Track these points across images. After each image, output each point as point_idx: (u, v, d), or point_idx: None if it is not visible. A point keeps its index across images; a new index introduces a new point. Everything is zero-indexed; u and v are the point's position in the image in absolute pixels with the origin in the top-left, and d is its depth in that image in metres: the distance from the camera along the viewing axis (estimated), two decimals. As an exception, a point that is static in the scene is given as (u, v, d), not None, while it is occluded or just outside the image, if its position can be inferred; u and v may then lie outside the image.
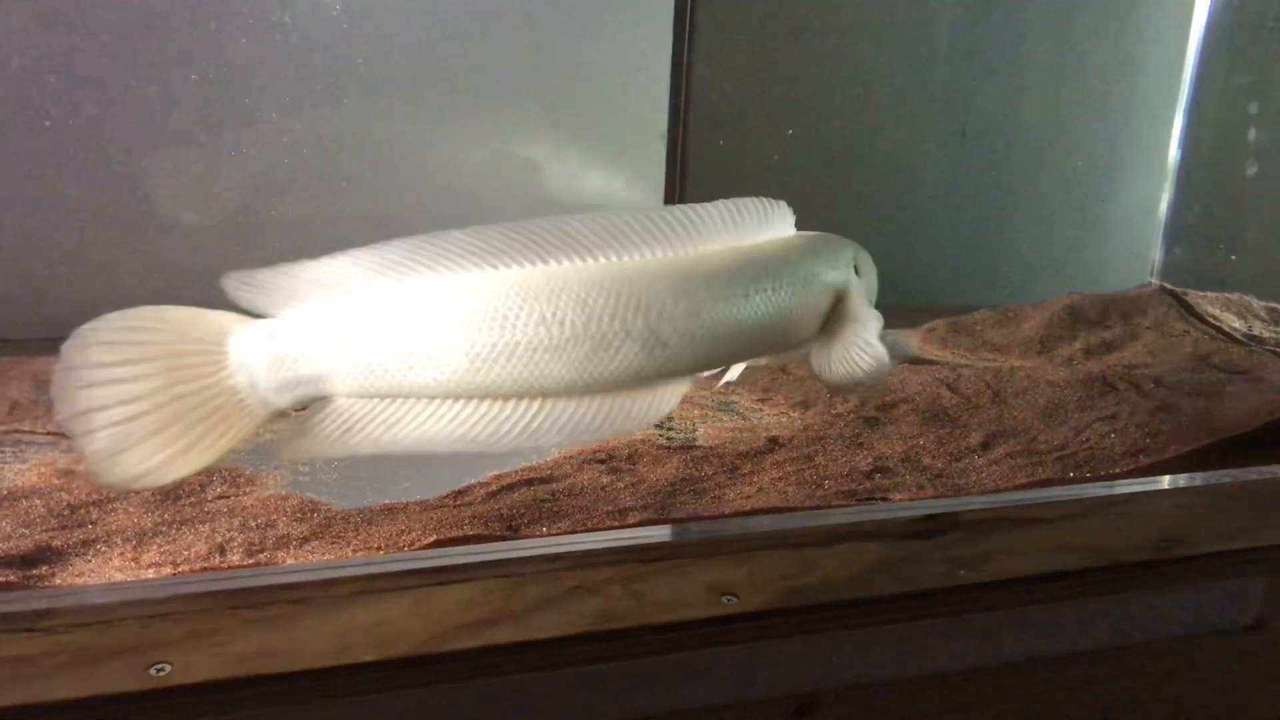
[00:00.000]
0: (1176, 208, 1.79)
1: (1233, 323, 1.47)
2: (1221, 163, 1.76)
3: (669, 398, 0.79)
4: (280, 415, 0.75)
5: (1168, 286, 1.58)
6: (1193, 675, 0.90)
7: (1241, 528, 0.92)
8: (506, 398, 0.76)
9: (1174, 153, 1.79)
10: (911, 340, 1.49)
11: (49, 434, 1.01)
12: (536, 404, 0.76)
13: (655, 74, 1.45)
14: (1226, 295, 1.58)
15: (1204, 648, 0.90)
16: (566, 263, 0.75)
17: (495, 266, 0.74)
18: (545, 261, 0.75)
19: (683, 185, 1.56)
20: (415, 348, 0.73)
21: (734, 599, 0.77)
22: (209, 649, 0.66)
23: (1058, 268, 1.82)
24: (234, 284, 0.72)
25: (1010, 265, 1.81)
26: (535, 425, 0.76)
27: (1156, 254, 1.82)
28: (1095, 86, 1.77)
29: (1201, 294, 1.56)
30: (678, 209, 0.78)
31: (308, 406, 0.75)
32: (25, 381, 1.14)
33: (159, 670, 0.64)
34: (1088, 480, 1.00)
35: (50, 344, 1.23)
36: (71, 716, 0.61)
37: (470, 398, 0.75)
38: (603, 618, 0.73)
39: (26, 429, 1.02)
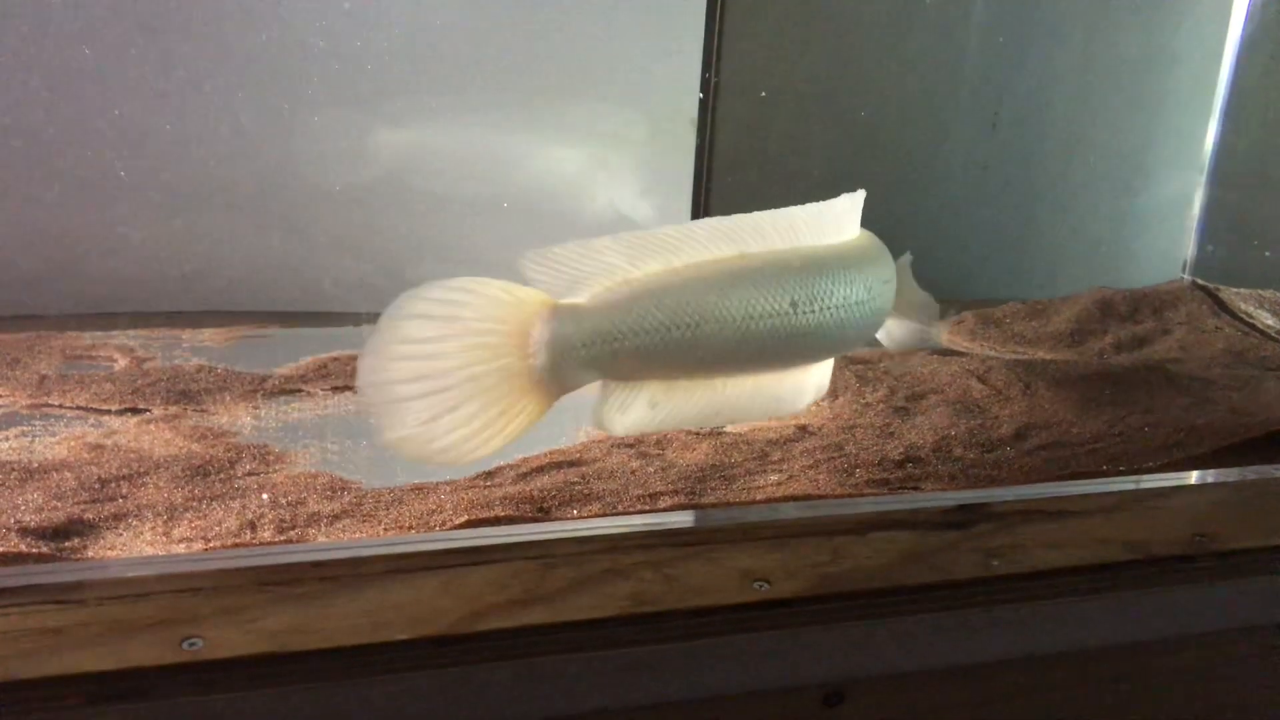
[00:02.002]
0: (1211, 203, 1.77)
1: (1266, 320, 1.46)
2: (1258, 158, 1.75)
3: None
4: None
5: (1200, 282, 1.57)
6: (1225, 671, 0.89)
7: (1277, 524, 0.91)
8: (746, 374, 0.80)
9: (1209, 147, 1.77)
10: (940, 331, 1.48)
11: (78, 408, 1.01)
12: (750, 381, 0.80)
13: (686, 58, 1.44)
14: (1260, 292, 1.56)
15: (1237, 644, 0.89)
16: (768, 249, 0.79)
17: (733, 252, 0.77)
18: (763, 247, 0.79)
19: (710, 172, 1.55)
20: (699, 330, 0.74)
21: (766, 585, 0.76)
22: (241, 624, 0.66)
23: (1087, 261, 1.80)
24: (531, 262, 0.72)
25: (1039, 258, 1.79)
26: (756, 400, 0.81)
27: (1189, 249, 1.80)
28: (1128, 79, 1.76)
29: (1234, 290, 1.54)
30: (798, 212, 0.81)
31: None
32: (54, 356, 1.14)
33: (191, 644, 0.64)
34: (1122, 474, 0.99)
35: (78, 319, 1.25)
36: (105, 688, 0.61)
37: (722, 375, 0.79)
38: (635, 601, 0.73)
39: (56, 403, 1.02)
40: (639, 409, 0.76)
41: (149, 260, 1.32)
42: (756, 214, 0.78)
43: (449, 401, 0.66)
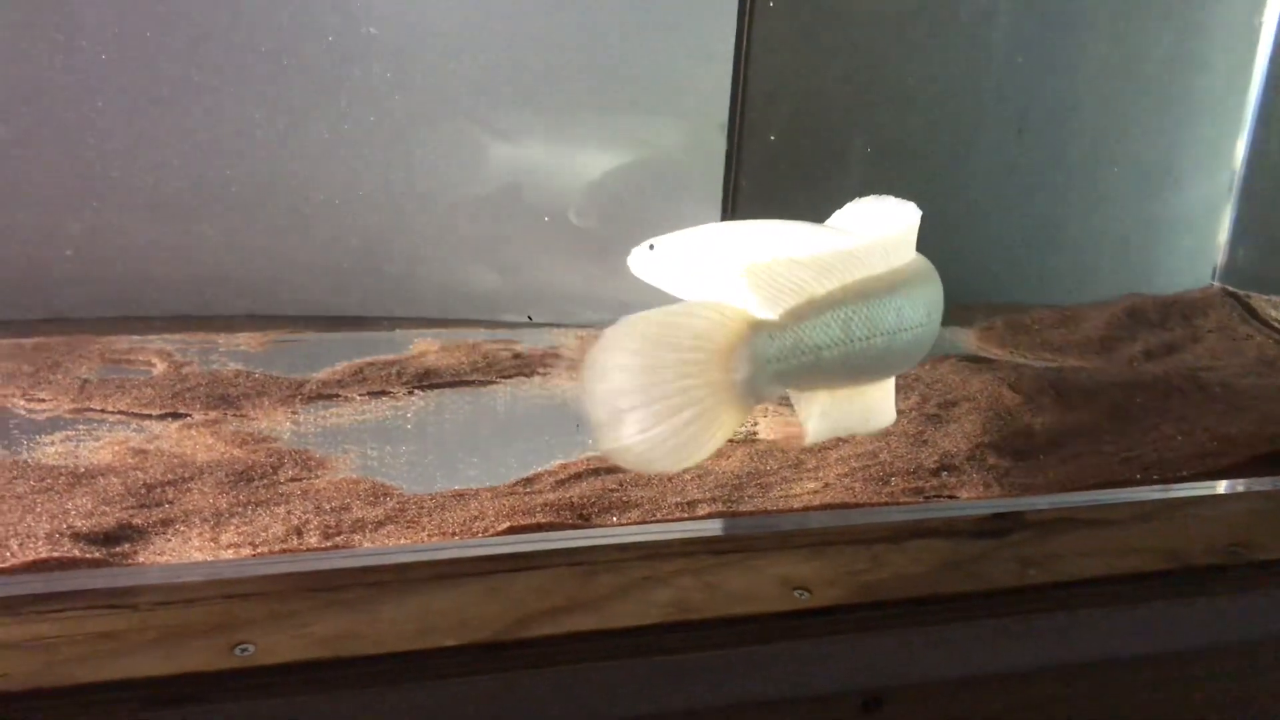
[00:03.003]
0: (1242, 209, 1.76)
1: (1296, 327, 1.46)
2: (1290, 165, 1.74)
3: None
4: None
5: (1230, 289, 1.57)
6: (1262, 682, 0.89)
7: (1314, 534, 0.92)
8: None
9: (1241, 152, 1.76)
10: (969, 338, 1.48)
11: (119, 413, 1.02)
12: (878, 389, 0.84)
13: (718, 63, 1.44)
14: (1290, 299, 1.56)
15: (1275, 653, 0.89)
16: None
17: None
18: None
19: (738, 176, 1.55)
20: (868, 344, 0.79)
21: (807, 593, 0.77)
22: (291, 630, 0.67)
23: (1115, 268, 1.80)
24: (743, 275, 0.76)
25: (1066, 264, 1.79)
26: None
27: (1219, 256, 1.80)
28: (1158, 83, 1.75)
29: (1266, 297, 1.54)
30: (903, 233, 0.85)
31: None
32: (94, 360, 1.15)
33: (243, 650, 0.65)
34: (1156, 482, 0.99)
35: (117, 323, 1.26)
36: (159, 692, 0.62)
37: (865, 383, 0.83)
38: (677, 608, 0.74)
39: (98, 408, 1.03)
40: (815, 418, 0.81)
41: (182, 263, 1.33)
42: (880, 234, 0.83)
43: (662, 414, 0.70)
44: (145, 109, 1.27)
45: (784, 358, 0.76)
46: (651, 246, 1.09)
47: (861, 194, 1.37)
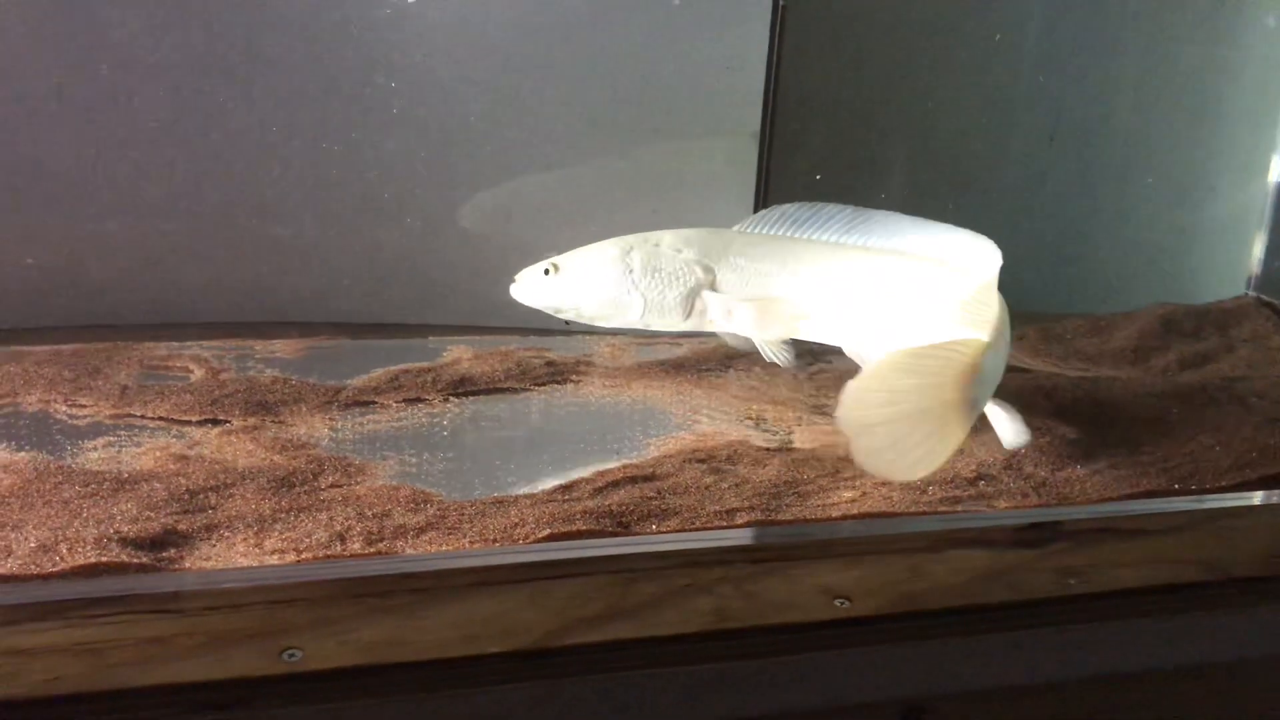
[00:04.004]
0: (1277, 219, 1.75)
1: (1331, 337, 1.45)
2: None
3: None
4: None
5: (1265, 298, 1.56)
6: (1302, 694, 0.89)
7: (1356, 545, 0.91)
8: None
9: (1276, 163, 1.75)
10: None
11: (159, 419, 1.03)
12: None
13: (750, 72, 1.45)
14: (1324, 310, 1.55)
15: (1315, 666, 0.89)
16: None
17: None
18: None
19: (767, 185, 1.55)
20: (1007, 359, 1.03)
21: (847, 602, 0.77)
22: (337, 636, 0.67)
23: (1146, 277, 1.79)
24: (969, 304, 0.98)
25: (1097, 273, 1.78)
26: None
27: (1254, 265, 1.78)
28: (1191, 91, 1.75)
29: (1300, 307, 1.53)
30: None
31: None
32: (133, 367, 1.16)
33: (290, 655, 0.65)
34: (1194, 493, 0.99)
35: (154, 330, 1.27)
36: (208, 697, 0.63)
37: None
38: (718, 616, 0.74)
39: (138, 414, 1.04)
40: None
41: (219, 270, 1.34)
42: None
43: (910, 429, 0.83)
44: (185, 118, 1.28)
45: (997, 377, 0.95)
46: (547, 271, 1.11)
47: (888, 201, 1.38)
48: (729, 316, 1.14)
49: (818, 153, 1.65)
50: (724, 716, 0.73)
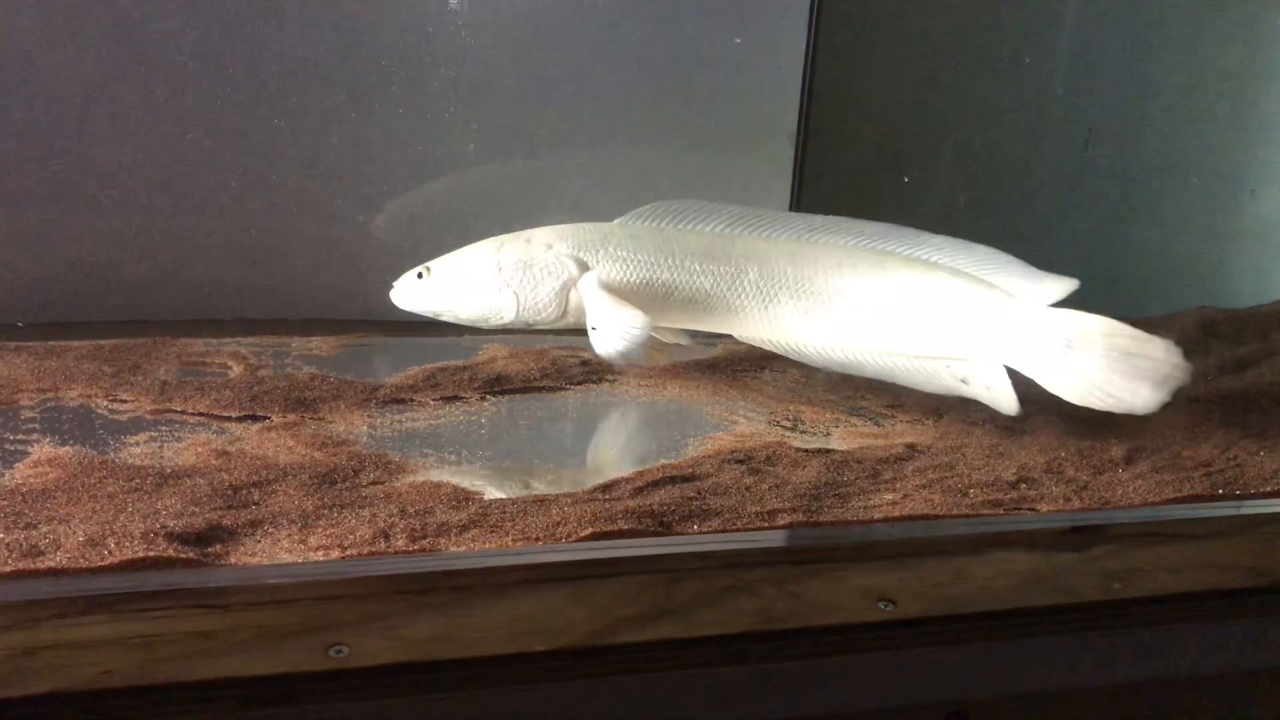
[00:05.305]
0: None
1: (1372, 343, 1.43)
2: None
3: None
4: None
5: (1305, 303, 1.54)
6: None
7: (1404, 552, 0.90)
8: None
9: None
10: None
11: (200, 414, 1.03)
12: None
13: (787, 73, 1.45)
14: (1365, 314, 1.53)
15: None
16: None
17: None
18: None
19: (801, 186, 1.55)
20: None
21: (891, 605, 0.76)
22: (384, 632, 0.67)
23: (1184, 280, 1.78)
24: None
25: (1134, 277, 1.77)
26: None
27: (1296, 269, 1.77)
28: (1230, 95, 1.74)
29: (1341, 313, 1.52)
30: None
31: None
32: (172, 363, 1.17)
33: (338, 651, 0.65)
34: (1237, 498, 0.98)
35: (192, 326, 1.28)
36: (257, 692, 0.63)
37: None
38: (763, 618, 0.74)
39: (178, 409, 1.04)
40: None
41: (255, 267, 1.35)
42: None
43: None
44: (222, 118, 1.29)
45: None
46: (421, 275, 1.11)
47: (923, 202, 1.37)
48: (583, 308, 1.13)
49: (852, 154, 1.65)
50: (768, 717, 0.72)
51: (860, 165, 1.67)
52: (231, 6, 1.26)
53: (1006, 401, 1.08)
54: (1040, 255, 1.13)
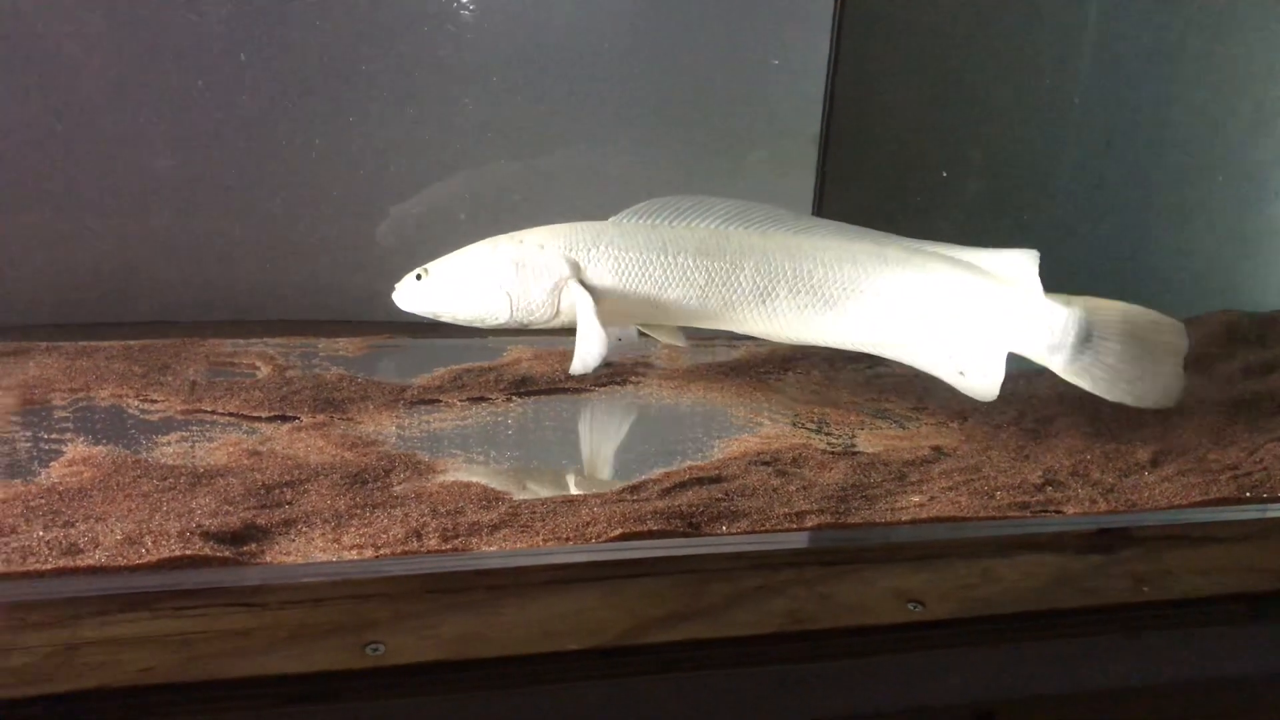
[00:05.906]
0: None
1: (1398, 346, 1.43)
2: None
3: None
4: None
5: (1330, 306, 1.54)
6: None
7: None
8: None
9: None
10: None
11: (230, 415, 1.04)
12: None
13: (811, 75, 1.45)
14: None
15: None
16: None
17: None
18: None
19: (823, 187, 1.56)
20: None
21: (920, 606, 0.77)
22: (418, 631, 0.68)
23: (1207, 284, 1.78)
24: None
25: (1156, 279, 1.77)
26: None
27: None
28: (1254, 95, 1.73)
29: (1365, 316, 1.51)
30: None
31: None
32: (200, 363, 1.18)
33: (374, 649, 0.66)
34: (1264, 501, 0.98)
35: (220, 326, 1.29)
36: (294, 689, 0.64)
37: None
38: (792, 618, 0.74)
39: (208, 409, 1.05)
40: None
41: (282, 269, 1.36)
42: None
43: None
44: (256, 122, 1.30)
45: None
46: (419, 277, 1.11)
47: (945, 203, 1.37)
48: (574, 307, 1.13)
49: (874, 156, 1.65)
50: (798, 717, 0.73)
51: (883, 167, 1.67)
52: (261, 7, 1.27)
53: (991, 389, 1.08)
54: (1062, 258, 1.13)
